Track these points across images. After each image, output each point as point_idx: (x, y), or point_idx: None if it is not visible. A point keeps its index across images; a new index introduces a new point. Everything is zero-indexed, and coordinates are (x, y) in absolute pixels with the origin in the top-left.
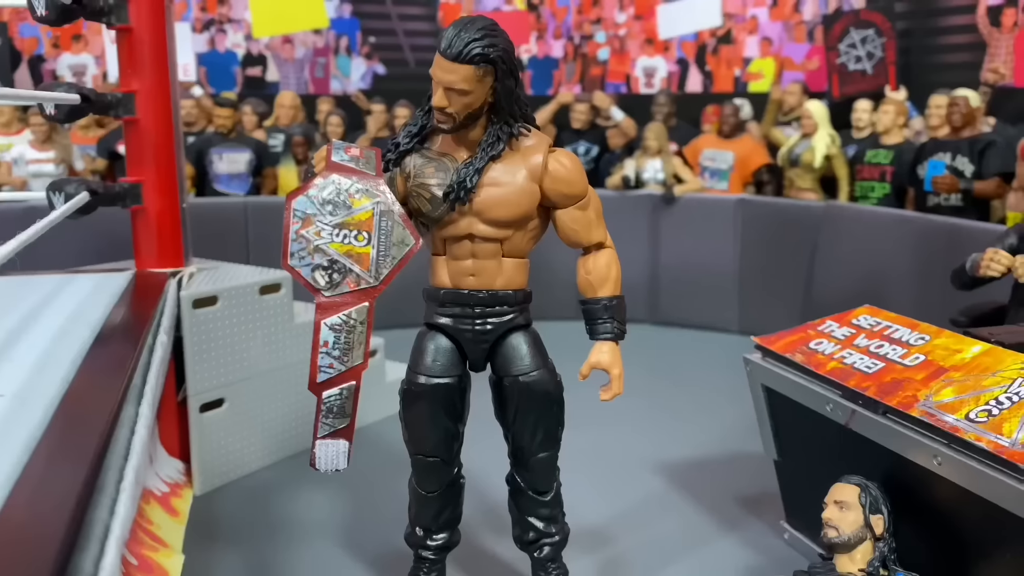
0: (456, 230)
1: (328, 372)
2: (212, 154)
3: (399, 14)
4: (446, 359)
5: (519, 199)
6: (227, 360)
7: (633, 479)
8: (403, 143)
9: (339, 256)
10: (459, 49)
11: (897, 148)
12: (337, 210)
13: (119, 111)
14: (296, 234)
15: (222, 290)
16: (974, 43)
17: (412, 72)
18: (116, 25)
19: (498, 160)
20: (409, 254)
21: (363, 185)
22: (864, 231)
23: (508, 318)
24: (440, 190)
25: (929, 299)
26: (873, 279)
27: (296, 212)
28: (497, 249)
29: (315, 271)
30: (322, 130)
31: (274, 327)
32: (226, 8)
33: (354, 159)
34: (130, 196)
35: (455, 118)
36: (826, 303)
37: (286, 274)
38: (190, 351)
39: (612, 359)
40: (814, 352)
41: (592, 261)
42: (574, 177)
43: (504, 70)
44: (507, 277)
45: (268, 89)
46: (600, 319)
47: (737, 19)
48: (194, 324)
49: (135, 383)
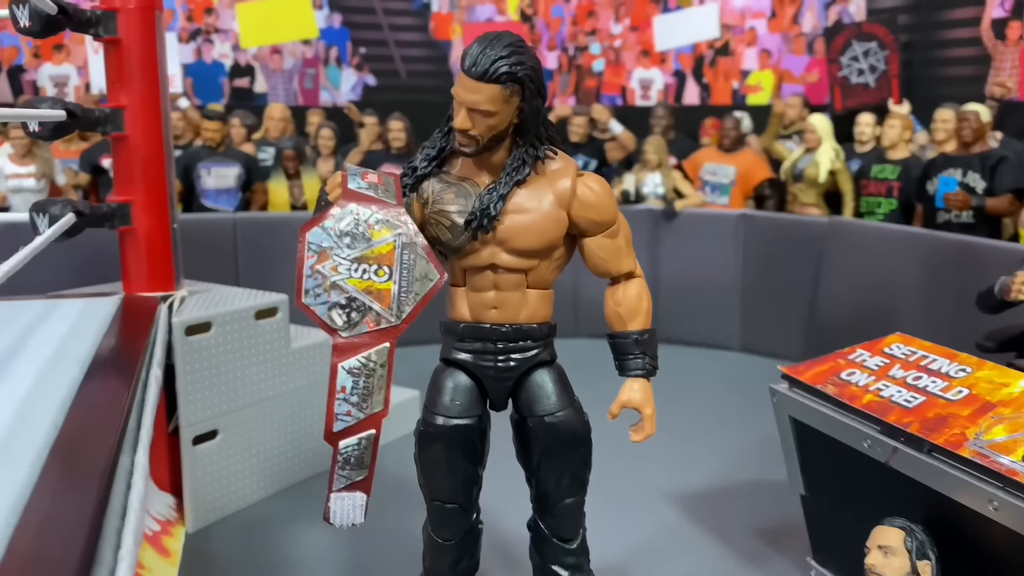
0: (477, 260)
1: (346, 420)
2: (200, 169)
3: (390, 24)
4: (465, 398)
5: (546, 227)
6: (221, 389)
7: (646, 510)
8: (421, 167)
9: (358, 293)
10: (485, 67)
11: (904, 163)
12: (355, 243)
13: (107, 127)
14: (311, 269)
15: (216, 315)
16: (978, 56)
17: (403, 83)
18: (104, 37)
19: (523, 185)
20: (433, 290)
21: (383, 215)
22: (870, 248)
23: (532, 354)
24: (461, 217)
25: (940, 319)
26: (880, 298)
27: (311, 245)
28: (521, 280)
29: (332, 310)
30: (313, 143)
31: (270, 353)
32: (213, 18)
33: (372, 186)
34: (118, 216)
35: (479, 141)
36: (831, 322)
37: (282, 297)
38: (182, 381)
39: (644, 397)
40: (847, 384)
41: (622, 292)
42: (604, 203)
43: (532, 89)
44: (531, 310)
45: (256, 100)
46: (631, 354)
47: (735, 31)
48: (187, 352)
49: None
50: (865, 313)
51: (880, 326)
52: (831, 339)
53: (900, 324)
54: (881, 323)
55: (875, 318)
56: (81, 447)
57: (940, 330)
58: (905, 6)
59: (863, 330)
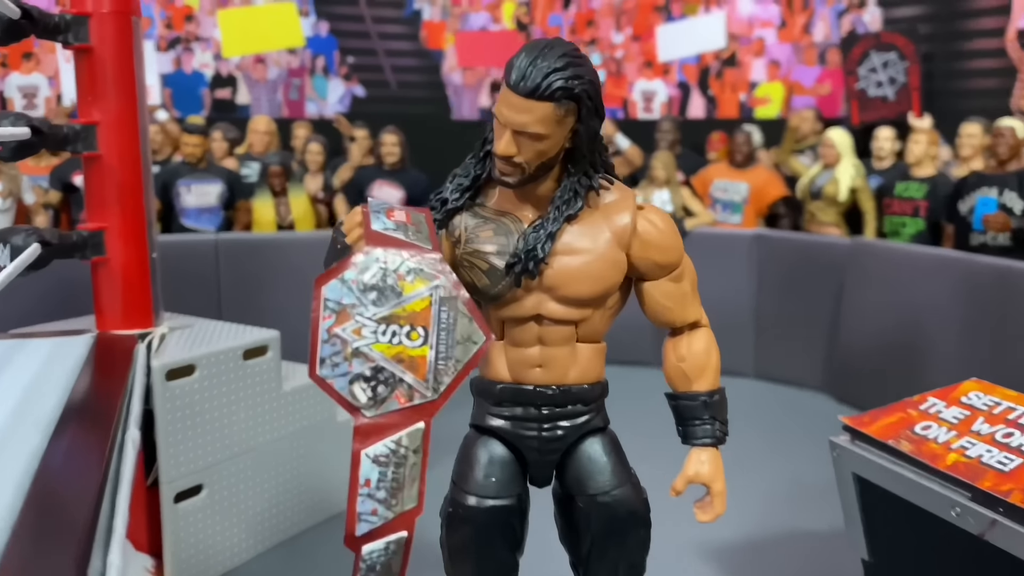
0: (520, 310)
1: (371, 521)
2: (179, 186)
3: (379, 33)
4: (503, 474)
5: (603, 271)
6: (206, 439)
7: (680, 570)
8: (452, 199)
9: (386, 362)
10: (536, 82)
11: (931, 181)
12: (383, 299)
13: (77, 146)
14: (328, 333)
15: (200, 357)
16: (1003, 68)
17: (393, 94)
18: (74, 44)
19: (574, 221)
20: (477, 356)
21: (416, 263)
22: (898, 272)
23: (583, 420)
24: (501, 259)
25: (978, 352)
26: (910, 326)
27: (328, 303)
28: (570, 333)
29: (354, 383)
30: (299, 158)
31: (260, 397)
32: (193, 25)
33: (400, 226)
34: (90, 246)
35: (524, 169)
36: (855, 351)
37: (272, 334)
38: (163, 431)
39: (714, 471)
40: (924, 439)
41: (686, 345)
42: (669, 242)
43: (589, 108)
44: (582, 368)
45: (238, 113)
46: (698, 420)
47: (742, 41)
48: (167, 399)
49: (105, 495)
50: (892, 342)
51: (910, 357)
52: (854, 368)
53: (932, 356)
54: (911, 354)
55: (904, 347)
56: (50, 516)
57: (978, 363)
58: (925, 15)
59: (891, 360)
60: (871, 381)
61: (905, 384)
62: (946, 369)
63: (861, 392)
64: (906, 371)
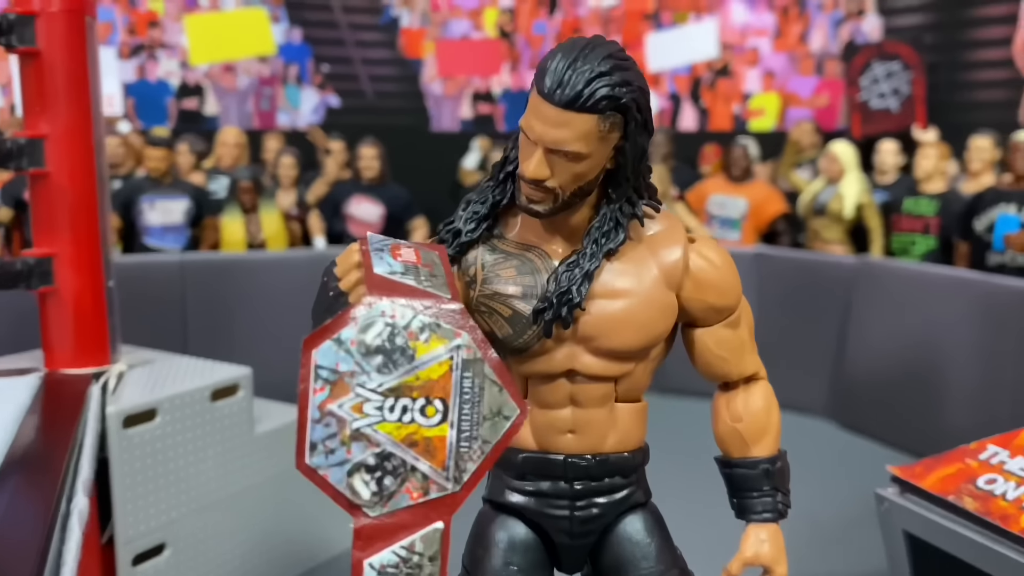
0: (549, 365)
1: None
2: (142, 202)
3: (356, 40)
4: (526, 561)
5: (650, 317)
6: (169, 492)
7: None
8: (466, 230)
9: (395, 446)
10: (577, 89)
11: (943, 197)
12: (391, 364)
13: (22, 161)
14: (321, 411)
15: (162, 400)
16: (1011, 79)
17: (370, 104)
18: (19, 47)
19: (613, 257)
20: (509, 434)
21: (431, 316)
22: (909, 292)
23: (622, 495)
24: (527, 303)
25: (1000, 380)
26: (922, 351)
27: (320, 372)
28: (609, 392)
29: (354, 475)
30: (271, 171)
31: (230, 442)
32: (158, 31)
33: (410, 269)
34: (37, 275)
35: (557, 196)
36: (861, 376)
37: (244, 371)
38: (120, 485)
39: (776, 552)
40: (990, 496)
41: (742, 402)
42: (727, 282)
43: (638, 122)
44: (622, 433)
45: (206, 124)
46: (756, 491)
47: (736, 50)
48: (125, 448)
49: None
50: (903, 367)
51: (923, 384)
52: (861, 394)
53: (948, 383)
54: (923, 380)
55: (916, 373)
56: None
57: (1000, 392)
58: (928, 24)
59: (901, 387)
60: (879, 408)
61: (919, 413)
62: (964, 398)
63: (868, 419)
64: (919, 399)
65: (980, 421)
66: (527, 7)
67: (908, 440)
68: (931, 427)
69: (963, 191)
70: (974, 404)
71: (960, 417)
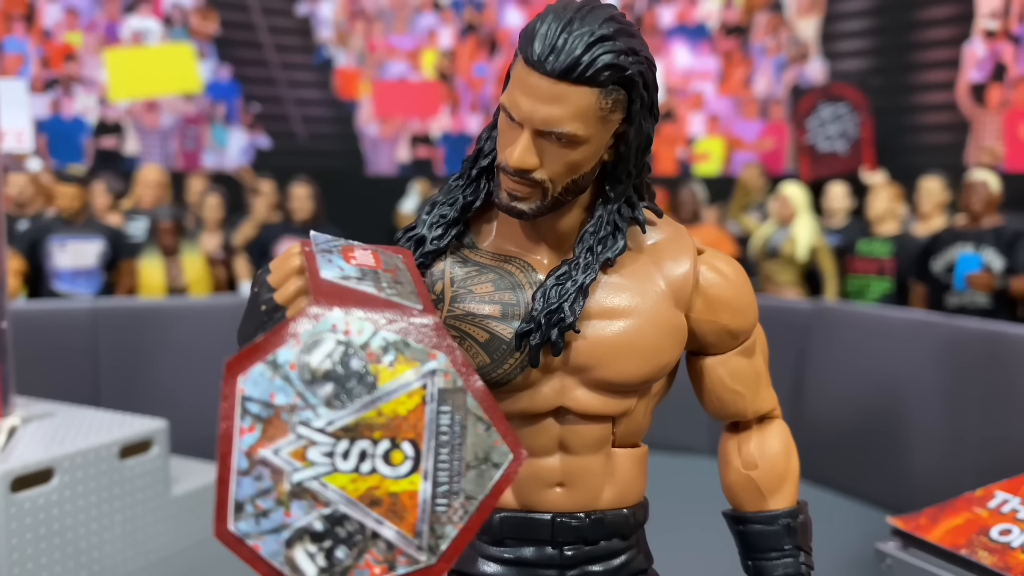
0: (533, 402)
1: None
2: (52, 244)
3: (288, 80)
4: None
5: (657, 341)
6: (67, 568)
7: None
8: (431, 238)
9: (350, 505)
10: (575, 55)
11: (897, 239)
12: (344, 394)
13: None
14: (249, 458)
15: (61, 458)
16: (954, 123)
17: (302, 147)
18: None
19: (611, 269)
20: (499, 487)
21: (396, 332)
22: (868, 336)
23: (621, 560)
24: (507, 325)
25: (964, 423)
26: (884, 396)
27: (248, 406)
28: (606, 435)
29: (295, 544)
30: (195, 213)
31: (142, 506)
32: (75, 65)
33: (368, 274)
34: None
35: (547, 192)
36: (821, 423)
37: (158, 425)
38: (6, 561)
39: None
40: (1007, 548)
41: (757, 446)
42: (743, 300)
43: (644, 102)
44: (621, 485)
45: (125, 164)
46: (776, 551)
47: (679, 94)
48: (13, 517)
49: None
50: (865, 413)
51: (887, 429)
52: (821, 442)
53: (912, 428)
54: (887, 426)
55: (879, 419)
56: None
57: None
58: (872, 68)
59: (864, 433)
60: (842, 455)
61: (884, 459)
62: (930, 443)
63: (828, 470)
64: (884, 445)
65: (946, 468)
66: (467, 49)
67: (871, 490)
68: (895, 476)
69: (915, 233)
70: (939, 451)
71: (925, 465)
